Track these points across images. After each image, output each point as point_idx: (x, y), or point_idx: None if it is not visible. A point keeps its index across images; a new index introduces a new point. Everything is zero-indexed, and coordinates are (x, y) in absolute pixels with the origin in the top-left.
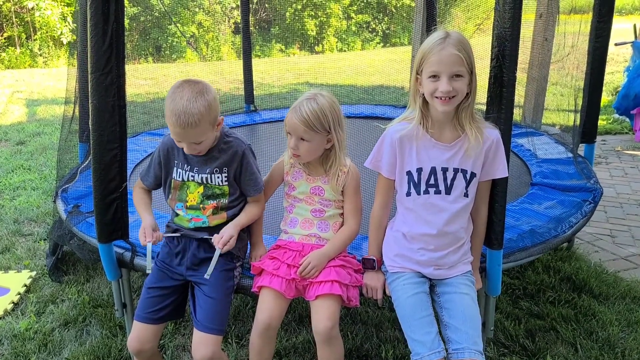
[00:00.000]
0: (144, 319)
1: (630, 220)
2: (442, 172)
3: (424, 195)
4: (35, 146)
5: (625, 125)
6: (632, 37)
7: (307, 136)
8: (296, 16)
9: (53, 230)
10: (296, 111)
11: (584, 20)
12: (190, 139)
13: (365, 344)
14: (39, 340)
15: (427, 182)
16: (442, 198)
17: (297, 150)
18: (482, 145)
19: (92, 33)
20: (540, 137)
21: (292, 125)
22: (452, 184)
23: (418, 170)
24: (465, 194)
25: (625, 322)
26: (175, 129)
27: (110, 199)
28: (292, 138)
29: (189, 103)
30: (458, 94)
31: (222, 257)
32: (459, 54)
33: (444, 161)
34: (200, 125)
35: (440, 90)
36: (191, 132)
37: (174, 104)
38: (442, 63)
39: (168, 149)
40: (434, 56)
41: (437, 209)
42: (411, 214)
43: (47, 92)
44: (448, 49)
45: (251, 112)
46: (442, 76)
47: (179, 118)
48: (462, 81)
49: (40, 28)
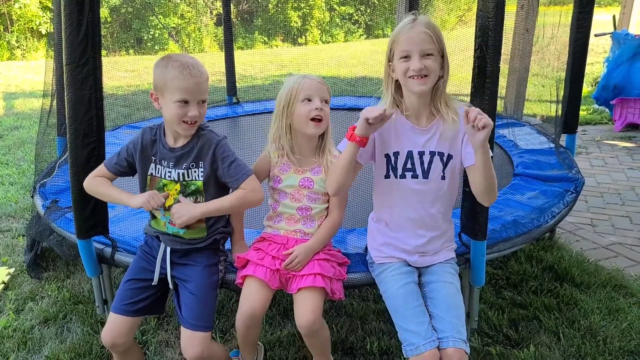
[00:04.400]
0: (120, 310)
1: (610, 209)
2: (419, 156)
3: (401, 179)
4: (12, 140)
5: (605, 115)
6: (612, 28)
7: (328, 97)
8: (279, 8)
9: (31, 226)
10: (308, 77)
11: (564, 11)
12: (201, 95)
13: (350, 336)
14: (18, 338)
15: (404, 166)
16: (419, 182)
17: (323, 111)
18: (458, 126)
19: (66, 24)
20: (522, 128)
21: (314, 87)
22: (429, 167)
23: (395, 154)
24: (443, 176)
25: (606, 310)
26: (187, 82)
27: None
28: (316, 100)
29: (193, 60)
30: (431, 74)
31: (205, 252)
32: (429, 32)
33: (420, 145)
34: (207, 79)
35: (412, 68)
36: (203, 84)
37: (180, 63)
38: (412, 42)
39: (146, 143)
40: (404, 36)
41: (414, 192)
42: (390, 199)
43: (25, 85)
44: (417, 27)
45: (233, 104)
46: (413, 55)
47: (192, 70)
48: (433, 59)
49: (17, 20)
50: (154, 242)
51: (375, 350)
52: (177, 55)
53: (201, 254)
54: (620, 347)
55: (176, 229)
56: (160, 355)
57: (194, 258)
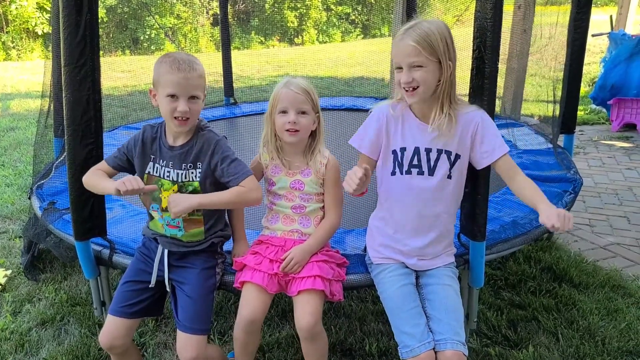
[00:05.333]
0: (118, 312)
1: (608, 209)
2: (426, 152)
3: (407, 175)
4: (9, 141)
5: (602, 115)
6: (609, 28)
7: (306, 107)
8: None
9: (28, 228)
10: (289, 85)
11: (561, 11)
12: (191, 89)
13: (349, 337)
14: (16, 340)
15: (410, 162)
16: (425, 179)
17: (298, 124)
18: (460, 127)
19: (64, 24)
20: (520, 128)
21: (290, 98)
22: (435, 165)
23: (402, 150)
24: (449, 175)
25: (604, 310)
26: (176, 76)
27: (86, 195)
28: (291, 113)
29: (188, 57)
30: (421, 85)
31: (203, 255)
32: (415, 45)
33: (428, 142)
34: (200, 76)
35: (402, 82)
36: (193, 79)
37: (172, 58)
38: (400, 54)
39: (147, 139)
40: (394, 48)
41: (419, 189)
42: (394, 196)
43: (21, 85)
44: (405, 40)
45: (231, 105)
46: (403, 67)
47: (181, 65)
48: (422, 71)
49: (13, 20)
50: (151, 244)
51: (374, 351)
52: (175, 53)
53: (198, 257)
54: (619, 348)
55: (174, 231)
56: (158, 357)
57: (191, 260)
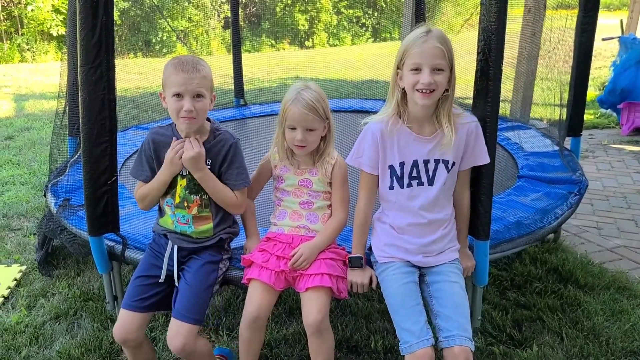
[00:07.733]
0: (130, 306)
1: (615, 212)
2: (424, 164)
3: (407, 188)
4: (23, 141)
5: (612, 119)
6: (619, 32)
7: (315, 124)
8: (286, 11)
9: (42, 224)
10: (298, 102)
11: (570, 15)
12: (194, 87)
13: (355, 334)
14: (30, 333)
15: (410, 174)
16: (425, 189)
17: (305, 141)
18: (459, 136)
19: (81, 26)
20: (527, 131)
21: (299, 117)
22: (434, 174)
23: (401, 165)
24: (445, 182)
25: (609, 311)
26: (180, 76)
27: (100, 192)
28: (299, 131)
29: (194, 58)
30: (438, 88)
31: (210, 249)
32: (442, 47)
33: (425, 153)
34: (205, 77)
35: (422, 82)
36: (196, 79)
37: (177, 60)
38: (425, 55)
39: (156, 142)
40: (417, 48)
41: (419, 199)
42: (395, 207)
43: (35, 87)
44: (431, 41)
45: (241, 106)
46: (424, 68)
47: (185, 65)
48: (442, 75)
49: (28, 22)
50: (161, 240)
51: (379, 348)
52: (181, 56)
53: (205, 251)
54: (623, 348)
55: (184, 227)
56: (168, 351)
57: (198, 253)
